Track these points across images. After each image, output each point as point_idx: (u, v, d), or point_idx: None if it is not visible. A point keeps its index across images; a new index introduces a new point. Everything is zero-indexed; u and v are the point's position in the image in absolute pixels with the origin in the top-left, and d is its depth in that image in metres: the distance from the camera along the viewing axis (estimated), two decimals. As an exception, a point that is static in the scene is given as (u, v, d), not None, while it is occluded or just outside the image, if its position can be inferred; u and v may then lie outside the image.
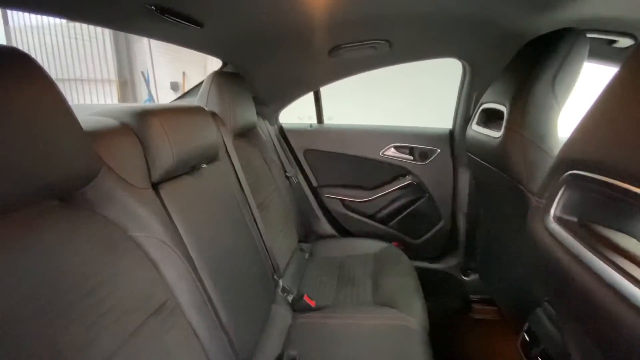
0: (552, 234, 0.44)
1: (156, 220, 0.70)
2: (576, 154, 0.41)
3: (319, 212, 1.76)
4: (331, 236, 1.75)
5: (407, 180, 1.63)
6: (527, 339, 0.93)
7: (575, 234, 0.41)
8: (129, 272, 0.63)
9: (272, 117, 1.68)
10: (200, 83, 1.40)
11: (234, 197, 1.05)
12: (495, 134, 1.01)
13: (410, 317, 1.08)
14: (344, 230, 1.76)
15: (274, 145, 1.59)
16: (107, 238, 0.61)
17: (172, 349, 0.67)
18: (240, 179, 1.12)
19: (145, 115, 0.73)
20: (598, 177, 0.36)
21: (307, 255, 1.56)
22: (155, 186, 0.74)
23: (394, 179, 1.65)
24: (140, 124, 0.72)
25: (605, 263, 0.34)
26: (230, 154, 1.12)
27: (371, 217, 1.73)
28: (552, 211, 0.45)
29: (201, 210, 0.86)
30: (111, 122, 0.71)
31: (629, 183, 0.33)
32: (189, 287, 0.74)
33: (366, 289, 1.26)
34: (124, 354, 0.56)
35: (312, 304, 1.19)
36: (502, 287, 1.25)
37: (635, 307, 0.29)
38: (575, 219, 0.43)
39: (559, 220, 0.44)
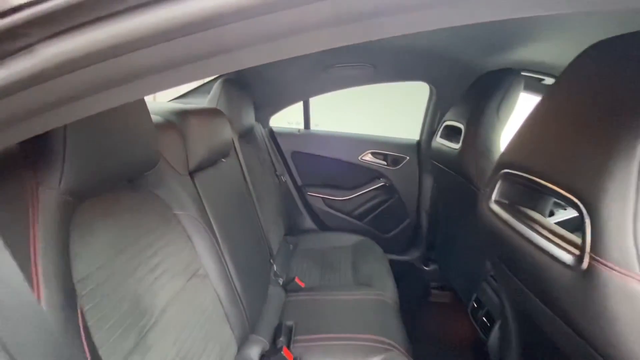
0: (492, 212, 0.68)
1: (192, 201, 0.85)
2: (508, 158, 0.65)
3: (302, 209, 1.94)
4: (313, 230, 1.94)
5: (380, 182, 1.88)
6: (475, 305, 1.20)
7: (507, 211, 0.65)
8: (175, 243, 0.77)
9: (265, 121, 1.84)
10: (201, 86, 1.54)
11: (242, 188, 1.20)
12: (455, 145, 1.28)
13: (385, 294, 1.30)
14: (324, 226, 1.96)
15: (266, 146, 1.75)
16: (161, 214, 0.75)
17: (205, 308, 0.82)
18: (244, 174, 1.28)
19: (186, 115, 0.87)
20: (520, 173, 0.60)
21: (291, 247, 1.74)
22: (191, 174, 0.89)
23: (370, 180, 1.89)
24: (182, 122, 0.86)
25: (525, 226, 0.58)
26: (238, 151, 1.27)
27: (348, 214, 1.94)
28: (492, 197, 0.69)
29: (222, 196, 1.01)
30: (158, 119, 0.84)
31: (537, 177, 0.56)
32: (214, 260, 0.89)
33: (347, 273, 1.47)
34: (174, 306, 0.71)
35: (302, 284, 1.37)
36: (456, 272, 1.52)
37: (542, 249, 0.52)
38: (507, 202, 0.67)
39: (497, 202, 0.68)
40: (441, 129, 1.47)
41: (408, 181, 1.85)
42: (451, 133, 1.40)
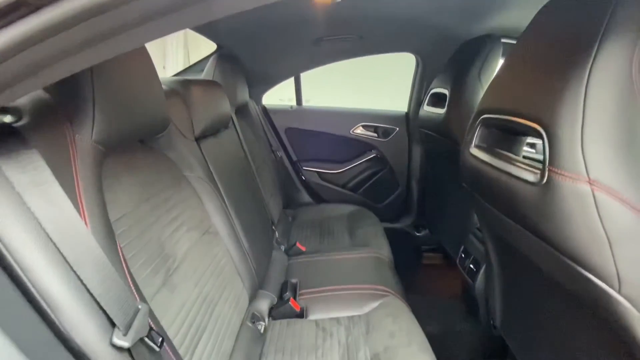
0: (473, 156, 0.77)
1: (199, 165, 0.92)
2: (485, 105, 0.74)
3: (298, 183, 2.02)
4: (309, 204, 2.02)
5: (372, 154, 1.96)
6: (463, 255, 1.31)
7: (486, 152, 0.74)
8: (187, 201, 0.84)
9: (258, 98, 1.89)
10: (195, 63, 1.57)
11: (243, 159, 1.27)
12: (441, 111, 1.36)
13: (380, 252, 1.40)
14: (320, 198, 2.04)
15: (260, 122, 1.81)
16: (173, 174, 0.82)
17: (219, 261, 0.90)
18: (243, 147, 1.34)
19: (188, 85, 0.93)
20: (495, 116, 0.69)
21: (290, 219, 1.82)
22: (197, 140, 0.95)
23: (362, 153, 1.97)
24: (185, 91, 0.91)
25: (501, 160, 0.67)
26: (236, 125, 1.33)
27: (343, 186, 2.03)
28: (473, 142, 0.78)
29: (226, 164, 1.07)
30: (164, 87, 0.89)
31: (508, 115, 0.65)
32: (223, 220, 0.96)
33: (344, 237, 1.57)
34: (192, 255, 0.78)
35: (303, 249, 1.46)
36: (446, 231, 1.63)
37: (514, 175, 0.61)
38: (485, 145, 0.76)
39: (477, 146, 0.77)
40: (428, 98, 1.54)
41: (398, 152, 1.94)
42: (437, 100, 1.48)
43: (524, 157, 0.66)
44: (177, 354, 0.58)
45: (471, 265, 1.24)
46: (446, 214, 1.63)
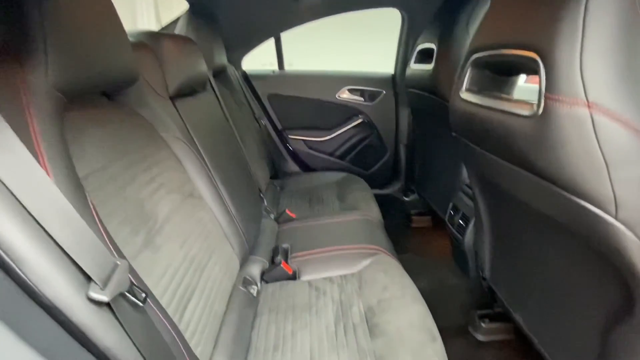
0: (464, 99, 0.74)
1: (176, 125, 0.86)
2: (475, 45, 0.70)
3: (284, 152, 1.97)
4: (297, 173, 1.99)
5: (359, 119, 1.92)
6: (452, 212, 1.32)
7: (477, 94, 0.71)
8: (166, 162, 0.79)
9: (237, 63, 1.79)
10: (167, 26, 1.46)
11: (225, 125, 1.21)
12: (428, 67, 1.32)
13: (370, 214, 1.40)
14: (307, 167, 2.01)
15: (241, 89, 1.72)
16: (148, 133, 0.76)
17: (205, 225, 0.86)
18: (225, 112, 1.27)
19: (158, 37, 0.85)
20: (487, 53, 0.65)
21: (278, 189, 1.79)
22: (172, 100, 0.88)
23: (348, 118, 1.93)
24: (156, 44, 0.84)
25: (493, 99, 0.64)
26: (215, 89, 1.25)
27: (331, 154, 2.00)
28: (463, 86, 0.75)
29: (206, 126, 1.02)
30: (130, 39, 0.81)
31: (501, 49, 0.62)
32: (207, 184, 0.92)
33: (334, 202, 1.55)
34: (176, 217, 0.75)
35: (293, 216, 1.44)
36: (434, 192, 1.64)
37: (508, 112, 0.58)
38: (476, 88, 0.73)
39: (468, 89, 0.74)
40: (415, 55, 1.49)
41: (385, 116, 1.90)
42: (424, 57, 1.43)
43: None
44: (165, 312, 0.56)
45: (460, 221, 1.25)
46: (434, 174, 1.63)
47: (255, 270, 1.08)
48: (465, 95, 0.73)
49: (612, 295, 0.54)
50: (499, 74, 0.70)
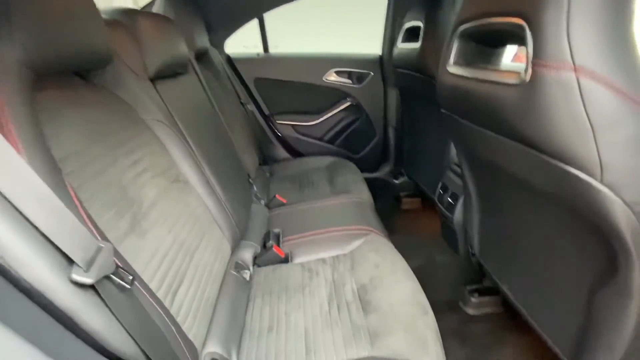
0: (450, 73, 0.73)
1: (157, 108, 0.83)
2: (462, 16, 0.69)
3: (273, 138, 1.94)
4: (286, 159, 1.97)
5: (347, 102, 1.90)
6: (441, 191, 1.34)
7: (464, 67, 0.70)
8: (149, 145, 0.77)
9: (220, 46, 1.73)
10: (146, 6, 1.39)
11: (209, 108, 1.17)
12: (416, 45, 1.30)
13: (361, 196, 1.40)
14: (297, 153, 1.99)
15: (226, 73, 1.67)
16: (128, 115, 0.73)
17: (193, 210, 0.85)
18: (209, 97, 1.24)
19: (136, 16, 0.81)
20: (473, 23, 0.64)
21: (268, 175, 1.77)
22: (152, 81, 0.85)
23: (336, 102, 1.90)
24: (132, 22, 0.80)
25: (480, 70, 0.63)
26: (197, 72, 1.21)
27: (320, 138, 1.98)
28: (450, 59, 0.74)
29: (190, 110, 0.99)
30: (104, 16, 0.77)
31: (487, 18, 0.61)
32: (193, 169, 0.90)
33: (324, 186, 1.55)
34: (162, 202, 0.73)
35: (284, 201, 1.43)
36: (424, 173, 1.65)
37: (495, 82, 0.58)
38: (463, 61, 0.72)
39: (455, 63, 0.73)
40: (402, 34, 1.47)
41: (373, 98, 1.89)
42: (411, 36, 1.41)
43: None
44: (155, 295, 0.55)
45: (449, 199, 1.26)
46: (423, 155, 1.63)
47: (247, 254, 1.07)
48: (452, 68, 0.73)
49: (597, 260, 0.55)
50: (485, 45, 0.69)
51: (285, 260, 1.07)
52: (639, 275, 0.46)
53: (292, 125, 1.94)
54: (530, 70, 0.48)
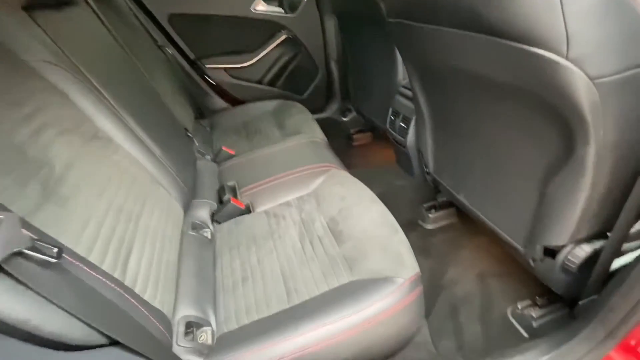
0: None
1: (43, 45, 0.63)
2: None
3: (205, 86, 1.72)
4: (225, 109, 1.78)
5: (282, 36, 1.71)
6: (392, 117, 1.33)
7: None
8: (43, 94, 0.59)
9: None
10: None
11: (115, 46, 0.95)
12: None
13: (315, 135, 1.34)
14: (236, 100, 1.81)
15: (132, 11, 1.37)
16: (3, 60, 0.54)
17: (125, 169, 0.71)
18: (110, 30, 1.00)
19: None
20: None
21: (208, 129, 1.60)
22: (27, 11, 0.63)
23: (271, 36, 1.71)
24: None
25: None
26: (93, 7, 0.95)
27: (259, 81, 1.81)
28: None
29: (88, 47, 0.78)
30: None
31: None
32: (112, 121, 0.74)
33: (274, 131, 1.44)
34: (82, 163, 0.59)
35: (232, 152, 1.31)
36: (372, 102, 1.62)
37: None
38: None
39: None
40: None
41: (311, 28, 1.73)
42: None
43: None
44: (98, 269, 0.46)
45: (401, 124, 1.26)
46: (369, 85, 1.59)
47: (202, 213, 0.98)
48: None
49: (552, 148, 0.58)
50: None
51: (247, 211, 1.00)
52: (594, 149, 0.49)
53: (225, 68, 1.72)
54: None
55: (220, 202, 1.05)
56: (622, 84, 0.44)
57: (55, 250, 0.36)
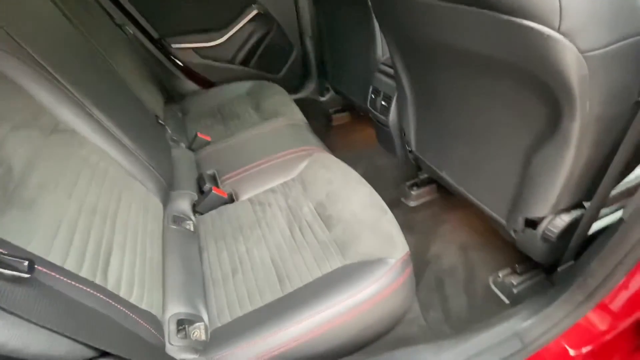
0: None
1: None
2: None
3: (173, 68, 1.61)
4: (196, 92, 1.68)
5: (253, 10, 1.61)
6: (372, 96, 1.31)
7: None
8: None
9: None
10: None
11: (66, 24, 0.85)
12: None
13: (294, 117, 1.30)
14: (207, 83, 1.70)
15: None
16: None
17: (95, 164, 0.65)
18: (58, 5, 0.89)
19: None
20: None
21: (180, 115, 1.50)
22: None
23: (241, 11, 1.60)
24: None
25: None
26: None
27: (231, 61, 1.71)
28: None
29: (35, 27, 0.69)
30: None
31: None
32: (73, 111, 0.67)
33: (251, 114, 1.38)
34: (44, 161, 0.53)
35: (208, 138, 1.25)
36: (351, 81, 1.58)
37: None
38: None
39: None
40: None
41: (284, 3, 1.64)
42: None
43: None
44: (76, 276, 0.42)
45: (382, 102, 1.24)
46: (348, 62, 1.54)
47: (183, 204, 0.93)
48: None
49: (537, 122, 0.59)
50: None
51: (230, 200, 0.97)
52: (579, 123, 0.50)
53: (193, 48, 1.61)
54: None
55: (201, 192, 1.00)
56: (610, 57, 0.44)
57: (26, 263, 0.32)
